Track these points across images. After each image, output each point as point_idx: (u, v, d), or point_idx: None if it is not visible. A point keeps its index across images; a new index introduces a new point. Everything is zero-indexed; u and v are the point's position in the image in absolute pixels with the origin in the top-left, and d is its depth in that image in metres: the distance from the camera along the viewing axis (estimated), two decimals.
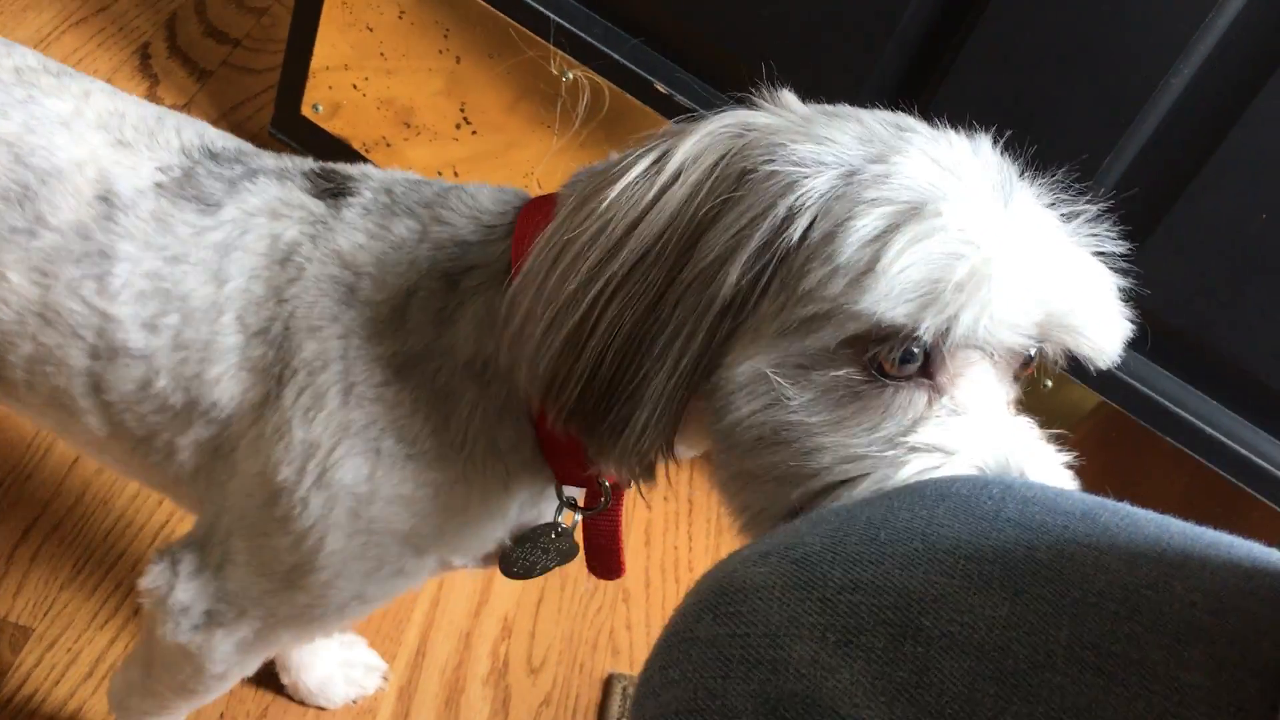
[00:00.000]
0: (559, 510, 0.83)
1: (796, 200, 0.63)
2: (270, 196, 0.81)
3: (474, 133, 1.47)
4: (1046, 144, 1.12)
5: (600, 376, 0.66)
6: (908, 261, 0.60)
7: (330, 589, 0.80)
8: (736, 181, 0.65)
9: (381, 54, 1.48)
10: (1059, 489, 0.56)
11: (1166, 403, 1.18)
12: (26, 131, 0.80)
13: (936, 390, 0.64)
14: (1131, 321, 0.71)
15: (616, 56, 1.32)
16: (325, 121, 1.59)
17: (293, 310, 0.77)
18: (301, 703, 1.17)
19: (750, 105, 0.70)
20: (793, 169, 0.63)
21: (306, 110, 1.59)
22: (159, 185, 0.81)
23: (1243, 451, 1.17)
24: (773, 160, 0.64)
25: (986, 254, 0.61)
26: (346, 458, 0.76)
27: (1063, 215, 0.69)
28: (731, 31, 1.26)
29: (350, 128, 1.57)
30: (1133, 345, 1.20)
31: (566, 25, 1.33)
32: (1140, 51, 1.06)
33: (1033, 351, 0.68)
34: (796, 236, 0.63)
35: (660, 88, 1.31)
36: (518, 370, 0.71)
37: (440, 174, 1.52)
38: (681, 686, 0.50)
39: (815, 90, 1.23)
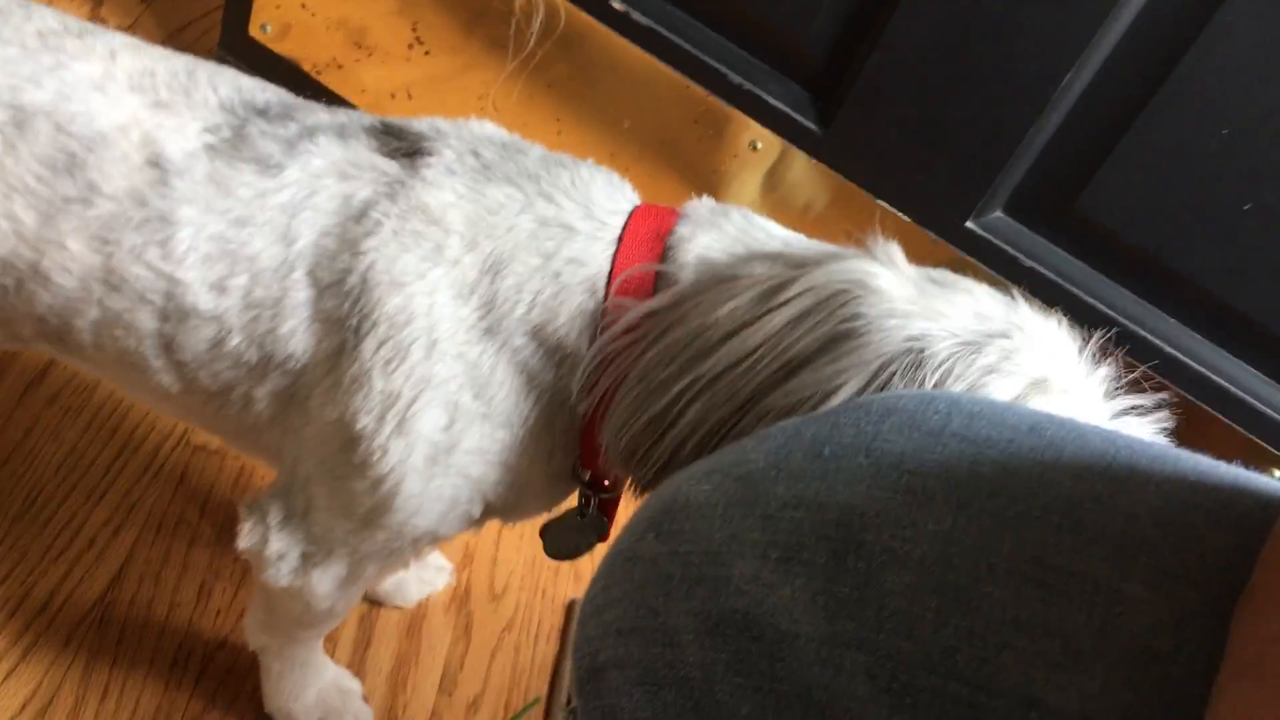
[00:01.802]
0: (581, 493, 0.89)
1: (920, 359, 0.68)
2: (336, 157, 0.81)
3: (427, 53, 1.44)
4: (1005, 61, 1.11)
5: (675, 463, 0.73)
6: None
7: (406, 527, 0.84)
8: (840, 336, 0.70)
9: None
10: (1006, 403, 0.55)
11: (1126, 321, 1.17)
12: (62, 100, 0.80)
13: None
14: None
15: None
16: (274, 43, 1.55)
17: (372, 263, 0.78)
18: (380, 603, 1.20)
19: (865, 254, 0.74)
20: (907, 345, 0.69)
21: (255, 31, 1.55)
22: (210, 147, 0.81)
23: (1202, 370, 1.17)
24: (884, 332, 0.69)
25: None
26: (426, 408, 0.78)
27: (1124, 409, 0.75)
28: None
29: (300, 49, 1.53)
30: (1093, 263, 1.20)
31: None
32: None
33: None
34: None
35: (616, 5, 1.28)
36: (600, 427, 0.78)
37: (394, 96, 1.49)
38: (623, 605, 0.50)
39: (770, 8, 1.21)
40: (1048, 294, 1.19)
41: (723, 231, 0.80)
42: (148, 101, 0.81)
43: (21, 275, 0.81)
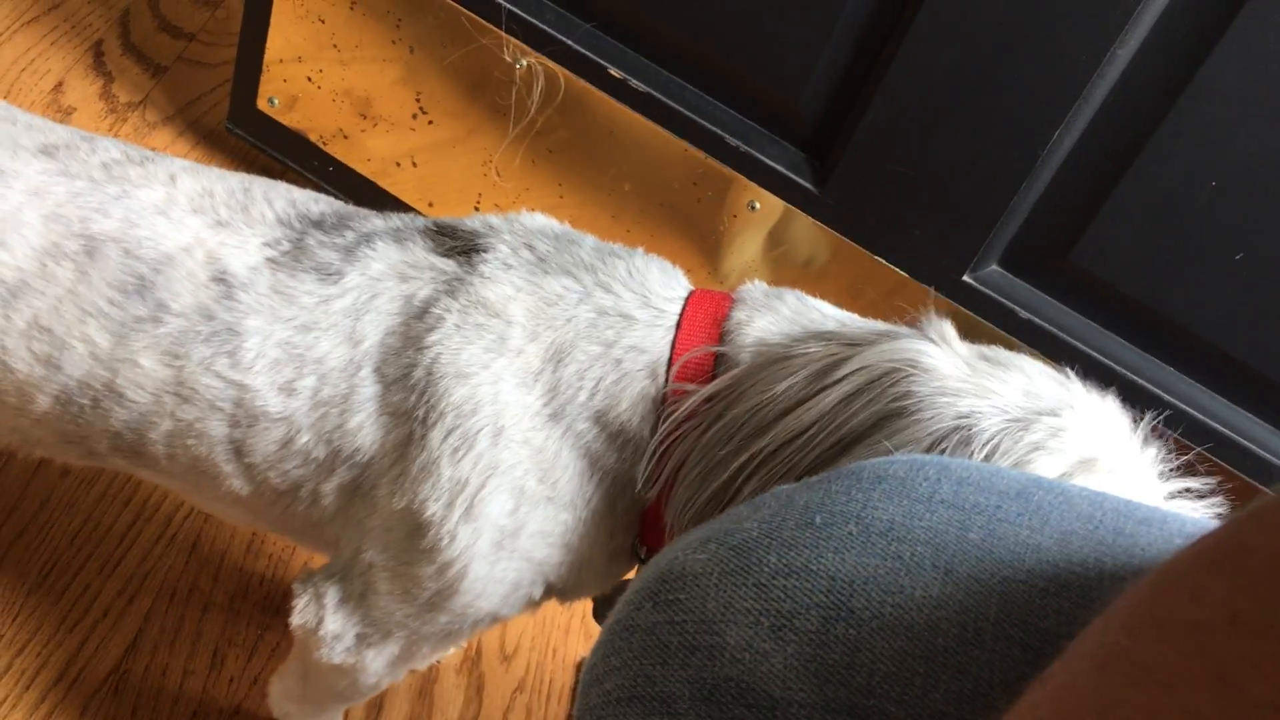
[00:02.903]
0: (638, 568, 0.90)
1: (968, 435, 0.70)
2: (394, 260, 0.84)
3: (430, 122, 1.47)
4: (996, 117, 1.14)
5: None
6: None
7: (470, 610, 0.86)
8: (893, 414, 0.72)
9: (335, 45, 1.47)
10: (995, 468, 0.56)
11: (1124, 370, 1.19)
12: (129, 226, 0.83)
13: None
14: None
15: (569, 42, 1.32)
16: (282, 115, 1.58)
17: (436, 356, 0.81)
18: None
19: (918, 333, 0.76)
20: (956, 423, 0.71)
21: (262, 104, 1.58)
22: (271, 260, 0.84)
23: (1200, 417, 1.18)
24: (935, 409, 0.71)
25: None
26: (494, 494, 0.81)
27: (1177, 491, 0.76)
28: (684, 15, 1.26)
29: (307, 120, 1.57)
30: (1089, 314, 1.21)
31: (518, 11, 1.33)
32: (1088, 23, 1.07)
33: None
34: None
35: (614, 73, 1.31)
36: (665, 506, 0.81)
37: (399, 164, 1.52)
38: (622, 674, 0.51)
39: (765, 73, 1.23)
40: (1045, 345, 1.21)
41: (778, 314, 0.82)
42: (209, 221, 0.85)
43: (97, 394, 0.84)
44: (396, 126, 1.50)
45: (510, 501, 0.81)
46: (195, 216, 0.85)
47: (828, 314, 0.84)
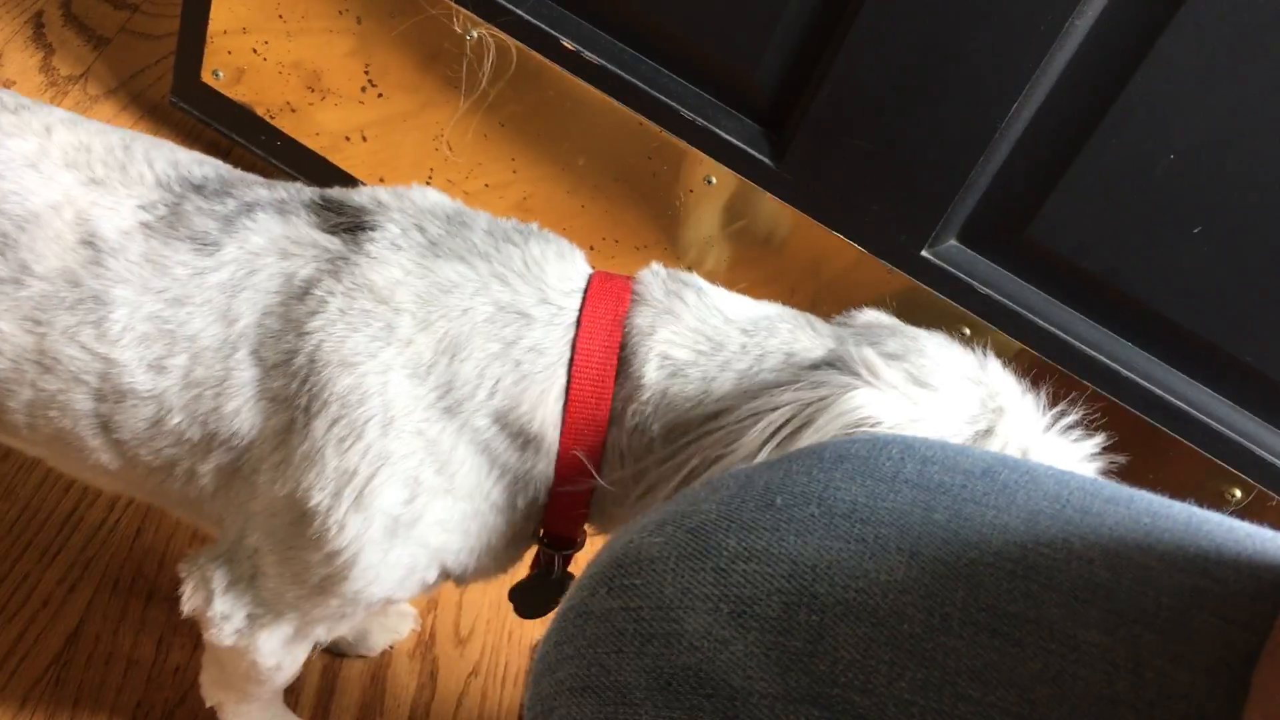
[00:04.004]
0: (539, 555, 0.90)
1: None
2: (276, 234, 0.80)
3: (380, 95, 1.44)
4: (953, 92, 1.12)
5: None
6: None
7: (362, 595, 0.83)
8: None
9: (280, 16, 1.44)
10: (960, 447, 0.55)
11: (1082, 346, 1.18)
12: None
13: None
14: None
15: (520, 13, 1.29)
16: (227, 88, 1.54)
17: (319, 343, 0.77)
18: (342, 654, 1.19)
19: (846, 371, 0.76)
20: None
21: (207, 77, 1.54)
22: (145, 225, 0.80)
23: (1157, 391, 1.17)
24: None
25: None
26: (385, 484, 0.78)
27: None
28: None
29: (253, 93, 1.53)
30: (1046, 289, 1.20)
31: None
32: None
33: None
34: None
35: (567, 44, 1.28)
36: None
37: (349, 139, 1.48)
38: (575, 662, 0.49)
39: (720, 45, 1.21)
40: (1003, 320, 1.20)
41: (680, 322, 0.80)
42: (82, 179, 0.81)
43: None
44: (346, 100, 1.46)
45: (404, 491, 0.79)
46: (68, 172, 0.80)
47: (731, 317, 0.81)
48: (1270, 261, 1.08)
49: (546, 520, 0.85)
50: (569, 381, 0.79)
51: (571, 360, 0.79)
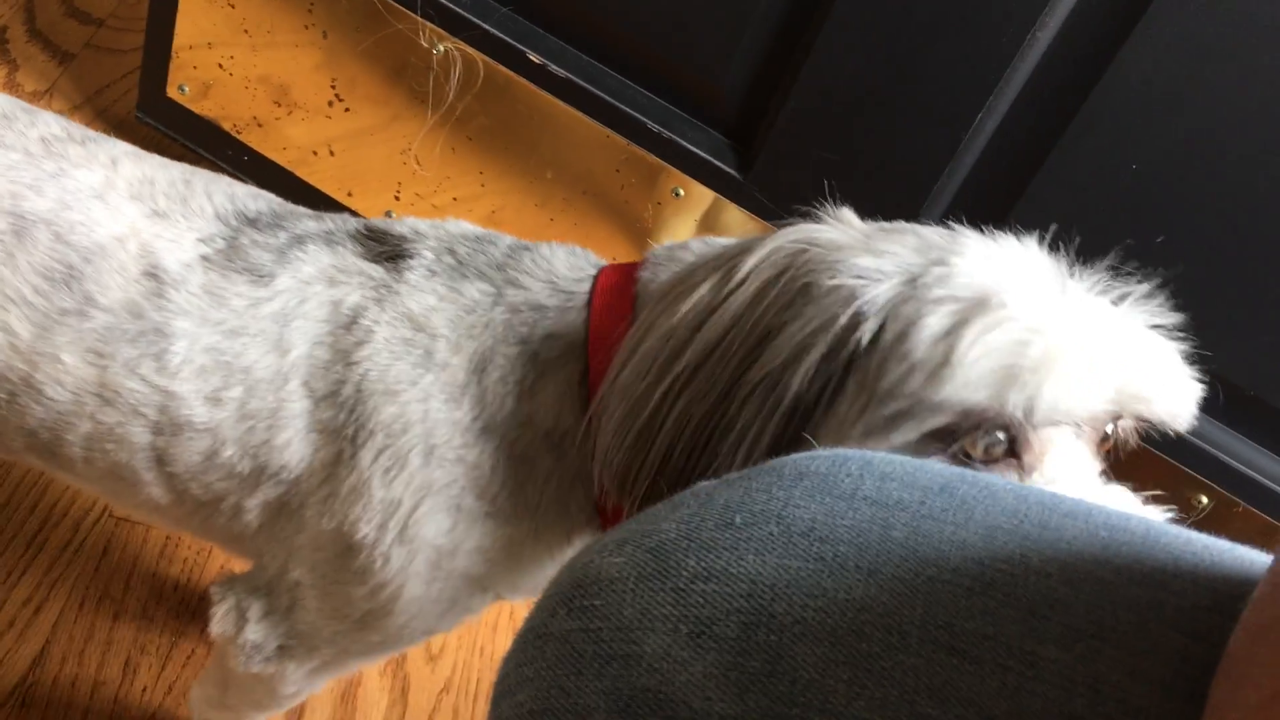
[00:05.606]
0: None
1: (861, 307, 0.67)
2: (324, 264, 0.81)
3: (348, 109, 1.43)
4: (919, 102, 1.13)
5: (670, 469, 0.71)
6: (981, 351, 0.65)
7: (405, 629, 0.84)
8: (800, 293, 0.69)
9: (245, 31, 1.43)
10: (920, 462, 0.55)
11: None
12: (63, 208, 0.79)
13: (1025, 469, 0.67)
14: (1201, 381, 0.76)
15: (487, 27, 1.29)
16: (193, 103, 1.53)
17: (365, 373, 0.78)
18: None
19: (813, 219, 0.74)
20: (855, 281, 0.68)
21: (173, 92, 1.53)
22: (205, 258, 0.80)
23: None
24: (835, 274, 0.68)
25: (1054, 336, 0.65)
26: (429, 515, 0.78)
27: (1114, 299, 0.74)
28: None
29: (220, 108, 1.52)
30: None
31: None
32: (1008, 5, 1.06)
33: (1109, 429, 0.71)
34: (865, 340, 0.67)
35: (534, 57, 1.28)
36: (594, 463, 0.76)
37: (316, 153, 1.48)
38: (534, 685, 0.49)
39: (686, 57, 1.21)
40: None
41: (682, 262, 0.80)
42: (146, 211, 0.81)
43: (14, 388, 0.80)
44: (313, 114, 1.46)
45: (447, 520, 0.79)
46: (133, 204, 0.81)
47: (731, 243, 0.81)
48: (1232, 270, 1.08)
49: (604, 520, 0.83)
50: (586, 364, 0.78)
51: (586, 339, 0.79)
